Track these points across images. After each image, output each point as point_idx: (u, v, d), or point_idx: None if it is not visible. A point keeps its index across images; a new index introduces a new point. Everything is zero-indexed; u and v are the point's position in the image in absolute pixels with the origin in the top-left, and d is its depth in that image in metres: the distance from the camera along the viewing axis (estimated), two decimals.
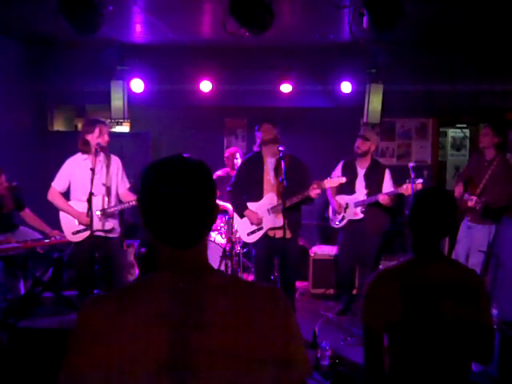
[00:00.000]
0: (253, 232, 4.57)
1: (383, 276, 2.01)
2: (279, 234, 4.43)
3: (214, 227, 5.62)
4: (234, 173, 5.99)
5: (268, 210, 4.51)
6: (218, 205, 1.28)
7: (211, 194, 1.23)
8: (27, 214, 5.16)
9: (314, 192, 4.35)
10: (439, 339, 1.92)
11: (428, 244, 2.01)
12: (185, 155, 1.26)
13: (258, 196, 4.55)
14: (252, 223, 4.54)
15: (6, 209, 5.02)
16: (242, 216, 4.59)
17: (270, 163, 4.53)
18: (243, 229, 4.62)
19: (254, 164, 4.58)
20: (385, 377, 1.97)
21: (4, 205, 5.00)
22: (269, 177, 4.53)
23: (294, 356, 1.21)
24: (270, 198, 4.51)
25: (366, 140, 4.93)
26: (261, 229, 4.55)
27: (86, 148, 4.41)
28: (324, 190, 4.72)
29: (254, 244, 4.65)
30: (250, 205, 4.56)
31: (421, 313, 1.91)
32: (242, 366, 1.13)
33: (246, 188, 4.61)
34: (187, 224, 1.20)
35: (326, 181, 4.46)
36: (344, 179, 4.55)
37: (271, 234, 4.54)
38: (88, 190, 4.20)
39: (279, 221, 4.38)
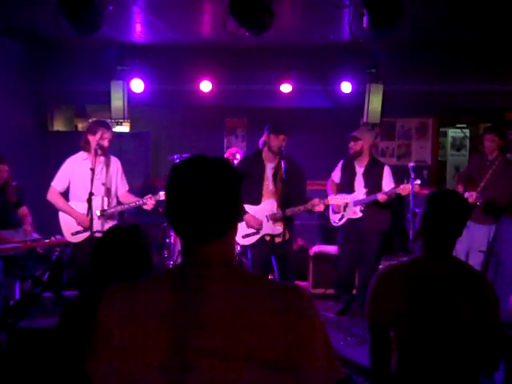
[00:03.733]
0: (248, 235, 4.52)
1: (390, 271, 2.02)
2: (277, 239, 4.43)
3: None
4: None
5: (266, 217, 4.48)
6: (240, 204, 1.29)
7: (231, 193, 1.24)
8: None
9: (317, 208, 4.39)
10: (444, 335, 1.92)
11: (441, 245, 2.02)
12: (184, 155, 1.27)
13: (256, 199, 4.48)
14: (249, 227, 4.49)
15: (9, 200, 5.00)
16: (241, 220, 4.53)
17: (269, 168, 4.51)
18: (238, 231, 4.54)
19: (254, 164, 4.51)
20: (390, 374, 1.97)
21: (6, 195, 4.97)
22: (267, 182, 4.50)
23: (308, 363, 1.17)
24: (269, 204, 4.47)
25: (356, 140, 4.96)
26: (257, 233, 4.51)
27: (86, 146, 4.44)
28: (325, 191, 4.75)
29: (251, 245, 4.60)
30: (248, 207, 4.49)
31: (426, 308, 1.92)
32: (242, 367, 1.13)
33: (244, 188, 4.53)
34: (204, 218, 1.20)
35: (329, 198, 4.49)
36: (349, 199, 4.56)
37: (267, 238, 4.52)
38: (87, 190, 4.20)
39: (277, 228, 4.37)
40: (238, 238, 4.59)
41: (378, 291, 1.99)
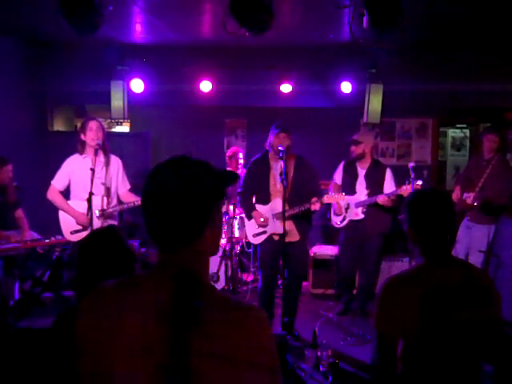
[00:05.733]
0: (258, 234, 4.59)
1: (397, 282, 1.97)
2: (287, 239, 4.43)
3: None
4: (236, 172, 5.98)
5: (273, 216, 4.52)
6: (215, 209, 1.24)
7: (201, 198, 1.20)
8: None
9: (313, 207, 4.39)
10: (454, 344, 1.90)
11: (437, 246, 1.99)
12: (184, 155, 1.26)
13: (265, 199, 4.57)
14: (256, 223, 4.54)
15: (9, 200, 5.00)
16: (249, 218, 4.61)
17: (275, 168, 4.53)
18: (250, 230, 4.64)
19: (260, 167, 4.59)
20: (396, 382, 1.95)
21: (7, 195, 4.98)
22: (274, 182, 4.53)
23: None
24: (275, 204, 4.50)
25: (357, 143, 4.96)
26: (265, 232, 4.56)
27: (81, 148, 4.44)
28: (325, 191, 4.75)
29: (260, 245, 4.66)
30: (258, 207, 4.59)
31: (436, 318, 1.88)
32: (241, 369, 1.13)
33: (254, 190, 4.63)
34: (166, 225, 1.18)
35: (325, 197, 4.49)
36: (344, 196, 4.56)
37: (276, 238, 4.54)
38: (87, 189, 4.21)
39: (282, 227, 4.38)
40: (250, 237, 4.68)
41: (384, 304, 1.95)
